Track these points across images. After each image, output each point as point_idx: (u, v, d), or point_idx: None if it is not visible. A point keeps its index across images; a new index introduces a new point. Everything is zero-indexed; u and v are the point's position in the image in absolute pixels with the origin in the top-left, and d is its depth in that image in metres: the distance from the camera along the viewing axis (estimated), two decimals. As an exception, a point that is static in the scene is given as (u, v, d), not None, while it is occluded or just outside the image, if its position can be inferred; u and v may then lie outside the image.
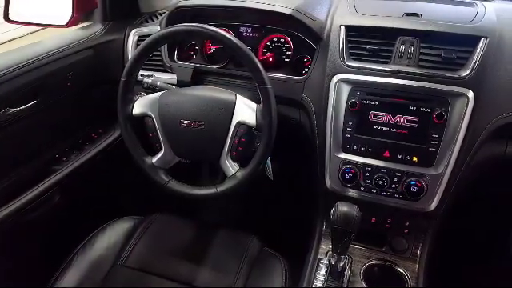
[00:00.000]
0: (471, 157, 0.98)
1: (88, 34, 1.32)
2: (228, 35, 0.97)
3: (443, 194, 1.00)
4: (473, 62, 0.95)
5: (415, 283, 1.04)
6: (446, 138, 0.96)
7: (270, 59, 1.25)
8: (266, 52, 1.26)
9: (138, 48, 1.01)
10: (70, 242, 1.14)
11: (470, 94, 0.94)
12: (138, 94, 1.14)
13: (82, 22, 1.38)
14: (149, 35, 1.06)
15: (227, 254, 1.12)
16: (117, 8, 1.40)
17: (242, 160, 1.05)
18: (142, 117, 1.07)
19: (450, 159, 0.97)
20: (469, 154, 0.98)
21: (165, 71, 1.28)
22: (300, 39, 1.20)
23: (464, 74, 0.95)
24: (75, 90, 1.28)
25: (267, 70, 1.18)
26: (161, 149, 1.07)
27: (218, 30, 0.97)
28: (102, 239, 1.16)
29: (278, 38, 1.24)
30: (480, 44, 0.96)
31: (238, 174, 1.02)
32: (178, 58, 1.31)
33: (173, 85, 1.21)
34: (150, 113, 1.06)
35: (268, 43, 1.25)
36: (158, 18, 1.41)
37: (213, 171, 1.52)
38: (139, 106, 1.07)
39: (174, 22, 1.06)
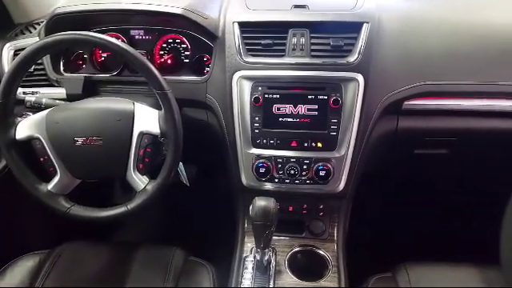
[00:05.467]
0: (368, 136, 1.06)
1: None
2: (114, 40, 0.90)
3: (348, 174, 1.06)
4: (359, 47, 1.02)
5: (336, 262, 1.10)
6: (343, 121, 1.02)
7: (169, 61, 1.20)
8: (164, 54, 1.20)
9: (13, 63, 0.90)
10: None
11: (360, 78, 1.01)
12: (22, 115, 1.02)
13: None
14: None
15: (150, 272, 1.06)
16: None
17: (151, 172, 0.99)
18: (29, 140, 0.95)
19: (349, 140, 1.03)
20: (365, 134, 1.05)
21: (51, 86, 1.16)
22: (196, 38, 1.17)
23: (352, 60, 1.01)
24: None
25: (167, 72, 1.16)
26: (56, 173, 0.97)
27: (102, 36, 0.90)
28: (1, 284, 1.01)
29: (174, 39, 1.19)
30: (363, 29, 1.03)
31: (149, 188, 0.96)
32: (64, 70, 1.19)
33: (62, 100, 1.10)
34: (38, 134, 0.95)
35: (164, 45, 1.20)
36: (35, 29, 1.26)
37: (127, 186, 1.43)
38: (23, 129, 0.95)
39: (54, 31, 0.95)
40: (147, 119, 0.96)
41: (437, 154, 1.20)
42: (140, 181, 0.97)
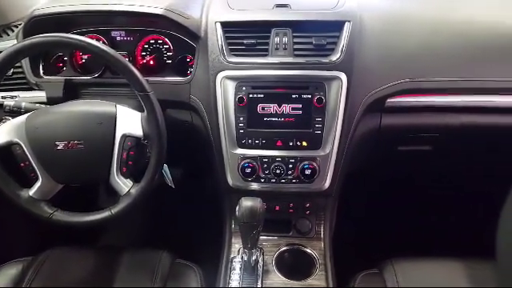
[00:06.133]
0: (352, 133, 1.07)
1: None
2: (94, 42, 0.89)
3: (334, 172, 1.07)
4: (341, 46, 1.02)
5: (323, 260, 1.10)
6: (327, 119, 1.03)
7: (151, 62, 1.19)
8: (146, 55, 1.19)
9: None
10: None
11: (343, 76, 1.01)
12: (1, 120, 1.00)
13: None
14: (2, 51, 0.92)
15: (137, 276, 1.05)
16: None
17: (135, 175, 0.98)
18: (8, 146, 0.93)
19: (334, 139, 1.04)
20: (350, 132, 1.06)
21: (31, 89, 1.14)
22: (178, 39, 1.16)
23: (335, 59, 1.02)
24: None
25: (150, 73, 1.15)
26: (37, 179, 0.95)
27: (81, 37, 0.89)
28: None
29: (156, 40, 1.18)
30: (345, 28, 1.04)
31: (133, 191, 0.95)
32: (44, 73, 1.17)
33: (42, 103, 1.08)
34: (17, 140, 0.93)
35: (146, 46, 1.19)
36: (13, 31, 1.23)
37: (111, 190, 1.42)
38: (2, 134, 0.93)
39: (33, 33, 0.93)
40: (130, 121, 0.95)
41: (420, 150, 1.21)
42: (124, 184, 0.95)
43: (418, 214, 1.70)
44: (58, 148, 0.92)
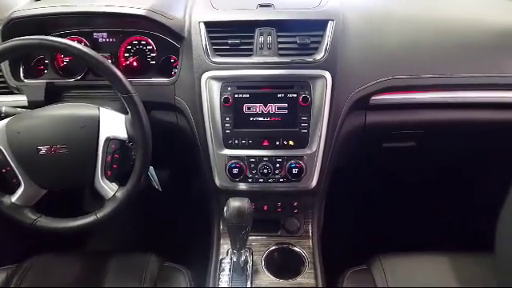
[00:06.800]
0: (338, 131, 1.07)
1: None
2: (75, 44, 0.87)
3: (320, 170, 1.07)
4: (325, 45, 1.03)
5: (312, 258, 1.10)
6: (313, 118, 1.03)
7: (135, 63, 1.18)
8: (129, 57, 1.18)
9: None
10: None
11: (327, 75, 1.02)
12: None
13: None
14: None
15: (125, 280, 1.03)
16: None
17: (120, 178, 0.97)
18: None
19: (320, 137, 1.04)
20: (335, 130, 1.07)
21: (11, 93, 1.11)
22: (162, 39, 1.15)
23: (319, 57, 1.02)
24: None
25: (134, 75, 1.13)
26: (20, 184, 0.93)
27: (62, 40, 0.88)
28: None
29: (139, 41, 1.17)
30: (328, 27, 1.04)
31: (118, 195, 0.94)
32: (25, 76, 1.14)
33: (23, 108, 1.05)
34: None
35: (129, 47, 1.17)
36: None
37: (97, 194, 1.40)
38: None
39: (12, 36, 0.91)
40: (113, 124, 0.93)
41: (405, 146, 1.23)
42: (109, 188, 0.94)
43: (405, 210, 1.73)
44: (41, 153, 0.90)
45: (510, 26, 1.12)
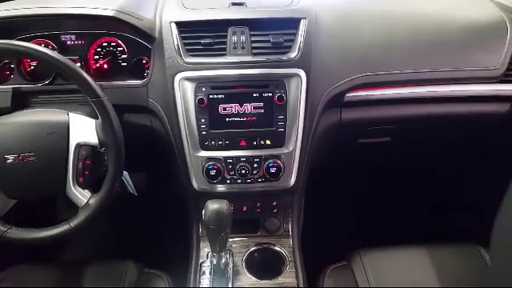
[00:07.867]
0: (314, 129, 1.08)
1: None
2: (40, 48, 0.84)
3: (298, 168, 1.07)
4: (298, 43, 1.03)
5: (292, 257, 1.10)
6: (289, 116, 1.03)
7: (105, 66, 1.14)
8: (99, 59, 1.14)
9: None
10: None
11: (302, 73, 1.02)
12: None
13: None
14: None
15: (102, 289, 1.01)
16: None
17: (93, 185, 0.94)
18: None
19: (297, 135, 1.04)
20: (312, 127, 1.07)
21: None
22: (132, 40, 1.12)
23: (293, 56, 1.02)
24: None
25: (104, 78, 1.10)
26: None
27: (26, 44, 0.84)
28: None
29: (109, 42, 1.13)
30: (301, 25, 1.04)
31: (92, 202, 0.91)
32: None
33: None
34: None
35: (98, 49, 1.14)
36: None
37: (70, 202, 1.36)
38: None
39: None
40: (84, 129, 0.90)
41: (381, 142, 1.25)
42: (82, 195, 0.91)
43: (384, 206, 1.75)
44: (8, 161, 0.86)
45: (479, 20, 1.15)
